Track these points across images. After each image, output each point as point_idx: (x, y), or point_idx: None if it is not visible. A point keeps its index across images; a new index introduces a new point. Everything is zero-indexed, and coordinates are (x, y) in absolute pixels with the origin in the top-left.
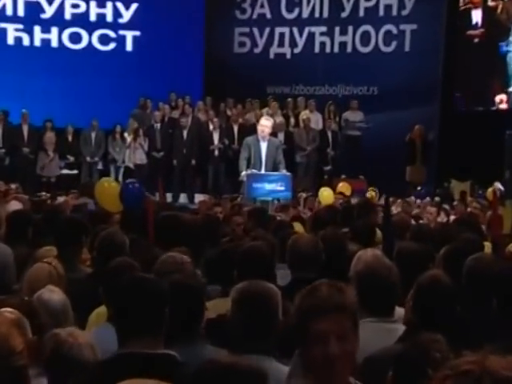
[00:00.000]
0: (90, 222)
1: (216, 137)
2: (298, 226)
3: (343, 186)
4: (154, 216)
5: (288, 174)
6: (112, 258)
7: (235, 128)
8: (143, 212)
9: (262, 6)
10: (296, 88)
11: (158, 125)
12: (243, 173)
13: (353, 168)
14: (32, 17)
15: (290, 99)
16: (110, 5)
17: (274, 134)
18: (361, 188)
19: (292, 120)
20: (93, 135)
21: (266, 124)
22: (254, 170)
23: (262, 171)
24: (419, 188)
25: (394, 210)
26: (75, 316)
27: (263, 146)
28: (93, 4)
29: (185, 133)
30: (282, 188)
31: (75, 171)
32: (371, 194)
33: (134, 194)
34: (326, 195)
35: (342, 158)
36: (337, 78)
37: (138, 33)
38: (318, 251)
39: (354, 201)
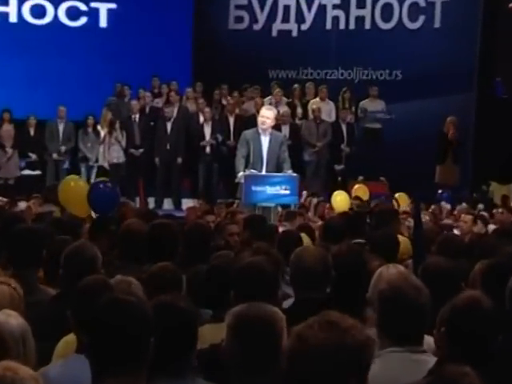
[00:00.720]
0: (55, 232)
1: (208, 130)
2: (305, 238)
3: (360, 189)
4: None
5: (294, 174)
6: (82, 275)
7: (231, 120)
8: (118, 220)
9: None
10: (304, 72)
11: (137, 116)
12: (240, 173)
13: (372, 168)
14: None
15: (296, 85)
16: None
17: (277, 126)
18: (381, 191)
19: (299, 110)
20: (60, 128)
21: (267, 115)
22: (253, 171)
23: (263, 171)
24: (442, 191)
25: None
26: (37, 345)
27: (264, 141)
28: None
29: (170, 125)
30: (287, 192)
31: (38, 172)
32: (401, 199)
33: (105, 197)
34: (339, 200)
35: (359, 156)
36: (353, 59)
37: (113, 5)
38: (327, 266)
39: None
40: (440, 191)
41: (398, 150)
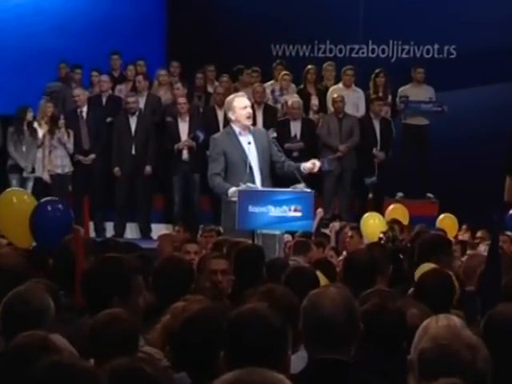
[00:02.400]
0: None
1: (185, 128)
2: (323, 278)
3: (398, 211)
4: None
5: (308, 190)
6: (22, 331)
7: (220, 114)
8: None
9: None
10: (321, 48)
11: (85, 109)
12: (232, 189)
13: (415, 180)
14: None
15: (310, 66)
16: None
17: (283, 122)
18: (428, 213)
19: (314, 101)
20: None
21: (248, 103)
22: (250, 185)
23: (257, 184)
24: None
25: (482, 249)
26: None
27: (247, 143)
28: None
29: (135, 122)
30: (299, 214)
31: None
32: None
33: (54, 223)
34: (371, 226)
35: (398, 164)
36: (388, 30)
37: None
38: (353, 317)
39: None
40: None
41: (451, 156)
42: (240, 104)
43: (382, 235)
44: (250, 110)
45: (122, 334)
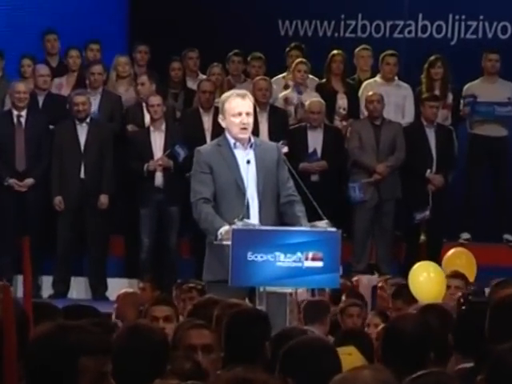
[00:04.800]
0: None
1: (159, 141)
2: (356, 356)
3: (460, 258)
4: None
5: (333, 229)
6: None
7: (206, 119)
8: None
9: None
10: (349, 25)
11: (23, 113)
12: (224, 228)
13: (488, 216)
14: None
15: (336, 52)
16: None
17: (299, 130)
18: (507, 263)
19: (342, 100)
20: None
21: (247, 108)
22: (248, 221)
23: (255, 222)
24: None
25: None
26: None
27: (244, 161)
28: None
29: (83, 132)
30: (319, 263)
31: None
32: None
33: None
34: (426, 281)
35: (464, 193)
36: (446, 1)
37: None
38: None
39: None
40: None
41: None
42: (233, 108)
43: (459, 294)
44: (246, 119)
45: None
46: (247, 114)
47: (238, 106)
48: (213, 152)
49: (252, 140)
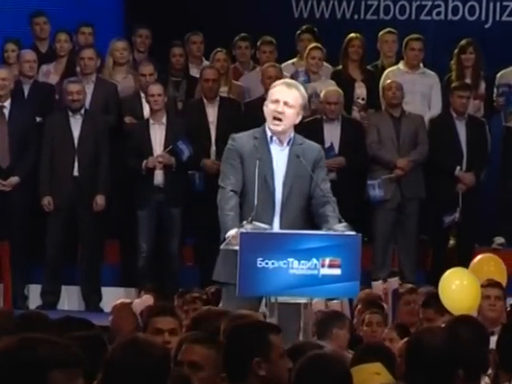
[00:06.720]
0: None
1: (159, 136)
2: (381, 376)
3: (488, 265)
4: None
5: (352, 233)
6: None
7: (211, 111)
8: None
9: None
10: (370, 5)
11: (7, 104)
12: (233, 231)
13: None
14: None
15: (354, 35)
16: None
17: (312, 124)
18: None
19: (360, 90)
20: None
21: (286, 96)
22: (259, 224)
23: (276, 225)
24: None
25: None
26: None
27: (280, 157)
28: None
29: (77, 125)
30: (336, 271)
31: None
32: None
33: None
34: (458, 289)
35: (498, 193)
36: None
37: None
38: None
39: None
40: None
41: None
42: (272, 94)
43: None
44: (282, 108)
45: None
46: (285, 103)
47: (278, 93)
48: (248, 143)
49: (291, 135)
